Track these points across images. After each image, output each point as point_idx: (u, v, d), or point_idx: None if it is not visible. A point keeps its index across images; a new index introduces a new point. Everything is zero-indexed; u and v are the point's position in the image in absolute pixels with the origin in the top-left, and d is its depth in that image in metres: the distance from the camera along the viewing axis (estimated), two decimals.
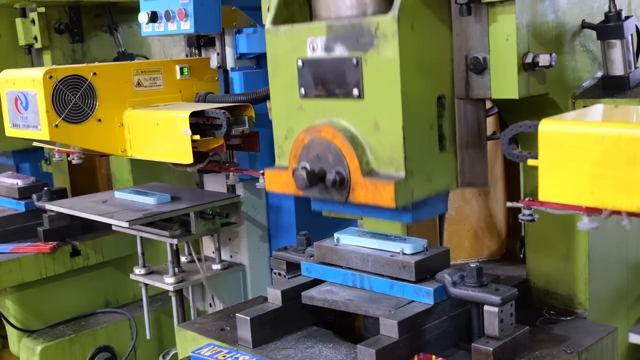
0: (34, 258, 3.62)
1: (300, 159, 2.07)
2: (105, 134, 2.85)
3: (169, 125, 2.69)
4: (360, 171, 1.95)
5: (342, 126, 2.01)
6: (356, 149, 1.97)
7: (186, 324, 2.66)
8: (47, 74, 2.70)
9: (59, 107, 2.72)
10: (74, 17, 3.65)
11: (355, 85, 1.96)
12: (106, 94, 2.84)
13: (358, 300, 2.22)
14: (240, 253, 3.31)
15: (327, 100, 2.04)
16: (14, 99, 2.82)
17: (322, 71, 2.03)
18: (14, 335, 3.69)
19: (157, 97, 2.98)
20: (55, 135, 2.74)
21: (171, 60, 3.05)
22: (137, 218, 2.87)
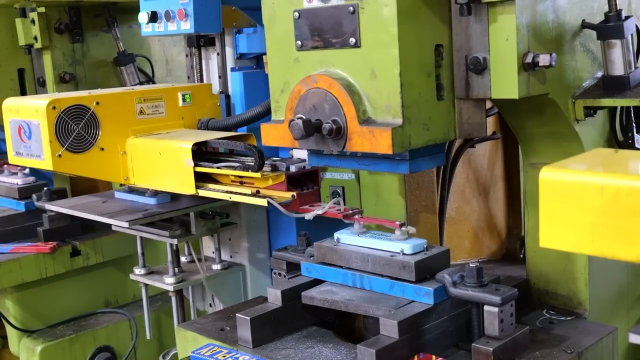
0: (34, 258, 3.62)
1: (296, 111, 2.10)
2: (108, 162, 2.86)
3: (172, 156, 2.70)
4: (357, 120, 1.98)
5: (339, 75, 2.04)
6: (353, 97, 1.99)
7: (186, 324, 2.66)
8: (50, 105, 2.70)
9: (62, 137, 2.73)
10: (74, 17, 3.65)
11: (352, 34, 1.99)
12: (109, 122, 2.85)
13: (358, 300, 2.22)
14: (240, 253, 3.31)
15: (323, 51, 2.07)
16: (17, 128, 2.83)
17: (318, 21, 2.06)
18: (14, 335, 3.68)
19: (160, 125, 2.99)
20: (58, 165, 2.75)
21: (173, 88, 3.05)
22: (137, 218, 2.87)
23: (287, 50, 2.16)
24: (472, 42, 2.02)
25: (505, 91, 2.00)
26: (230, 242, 3.32)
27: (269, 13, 2.20)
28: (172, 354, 3.25)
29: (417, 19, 1.97)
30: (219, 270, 3.23)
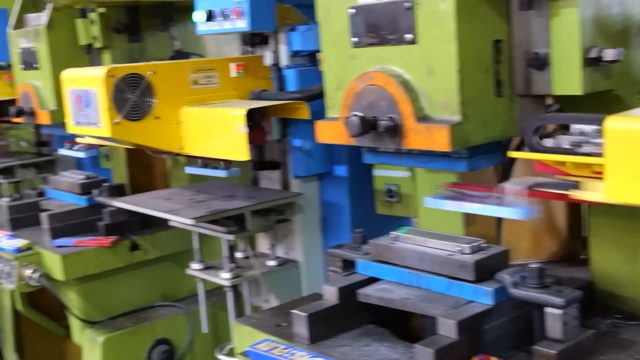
0: (95, 252, 3.71)
1: (352, 108, 2.09)
2: (163, 131, 2.89)
3: (225, 123, 2.71)
4: (414, 117, 1.96)
5: (396, 72, 2.02)
6: (410, 94, 1.97)
7: (243, 319, 2.68)
8: (108, 73, 2.74)
9: (119, 105, 2.76)
10: (132, 17, 3.70)
11: (408, 30, 1.97)
12: (164, 92, 2.87)
13: (415, 299, 2.20)
14: (295, 250, 3.32)
15: (379, 47, 2.05)
16: (76, 97, 2.88)
17: (374, 18, 2.04)
18: (77, 326, 3.78)
19: (213, 95, 3.00)
20: (115, 132, 2.79)
21: (226, 59, 3.07)
22: (202, 215, 2.90)
23: (343, 47, 2.15)
24: (533, 37, 1.98)
25: (568, 87, 1.96)
26: (285, 238, 3.34)
27: (324, 10, 2.19)
28: (228, 348, 3.28)
29: (475, 14, 1.94)
30: (274, 267, 3.24)
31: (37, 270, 3.73)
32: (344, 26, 2.13)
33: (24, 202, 4.43)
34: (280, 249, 3.33)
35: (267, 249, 3.29)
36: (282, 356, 2.30)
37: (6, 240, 3.92)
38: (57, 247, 3.76)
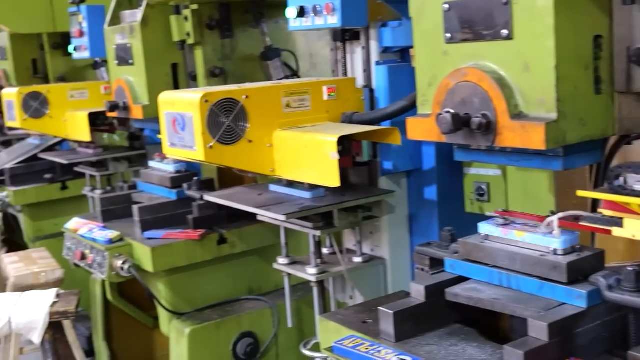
0: (184, 244, 3.78)
1: (444, 105, 2.07)
2: (256, 154, 2.92)
3: (317, 149, 2.73)
4: (508, 114, 1.93)
5: (490, 68, 1.99)
6: (504, 91, 1.94)
7: (329, 314, 2.69)
8: (203, 98, 2.79)
9: (213, 129, 2.81)
10: (224, 14, 3.76)
11: (505, 26, 1.94)
12: (257, 115, 2.90)
13: (505, 300, 2.16)
14: (382, 247, 3.31)
15: (473, 43, 2.03)
16: (172, 120, 2.94)
17: (469, 13, 2.02)
18: (165, 317, 3.87)
19: (305, 118, 3.02)
20: (209, 156, 2.83)
21: (318, 82, 3.07)
22: (294, 212, 2.92)
23: (436, 43, 2.14)
24: (636, 32, 1.92)
25: None
26: (371, 235, 3.33)
27: (417, 5, 2.18)
28: (313, 343, 3.30)
29: (574, 9, 1.89)
30: (360, 263, 3.24)
31: (127, 262, 3.82)
32: (438, 22, 2.11)
33: (115, 194, 4.55)
34: (367, 246, 3.33)
35: (353, 245, 3.29)
36: (368, 353, 2.30)
37: (98, 231, 4.03)
38: (147, 239, 3.85)
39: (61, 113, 5.08)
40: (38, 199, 5.90)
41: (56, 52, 5.79)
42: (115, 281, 4.03)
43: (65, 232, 4.34)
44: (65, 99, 5.13)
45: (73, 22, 4.71)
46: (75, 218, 4.39)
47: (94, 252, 3.97)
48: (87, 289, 4.63)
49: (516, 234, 2.25)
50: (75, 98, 5.15)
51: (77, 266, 4.23)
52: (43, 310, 4.04)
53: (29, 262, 4.87)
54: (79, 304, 4.24)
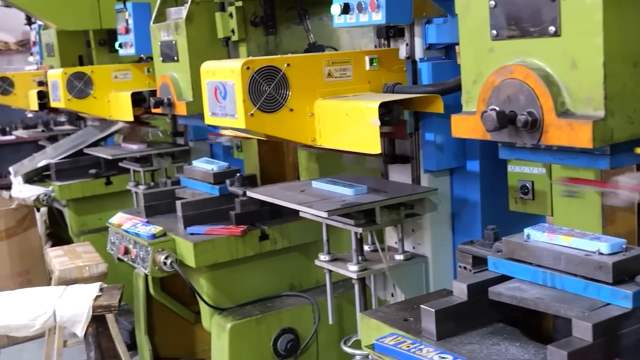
0: (226, 240, 3.80)
1: (489, 102, 2.05)
2: (297, 123, 2.92)
3: (358, 116, 2.72)
4: (554, 111, 1.91)
5: (536, 65, 1.97)
6: (551, 88, 1.92)
7: (370, 312, 2.69)
8: (244, 65, 2.80)
9: (254, 97, 2.82)
10: (269, 10, 3.77)
11: (552, 22, 1.92)
12: (298, 84, 2.90)
13: (549, 300, 2.14)
14: (423, 245, 3.29)
15: (520, 40, 2.01)
16: (213, 89, 2.96)
17: (515, 10, 2.00)
18: (207, 312, 3.89)
19: (347, 88, 3.01)
20: (250, 123, 2.84)
21: (361, 52, 3.07)
22: (336, 209, 2.92)
23: (481, 40, 2.12)
24: None
25: None
26: (413, 233, 3.32)
27: (463, 2, 2.17)
28: (353, 340, 3.30)
29: (623, 6, 1.86)
30: (401, 261, 3.23)
31: (170, 256, 3.86)
32: (484, 18, 2.09)
33: (159, 190, 4.60)
34: (408, 243, 3.32)
35: (395, 242, 3.28)
36: (409, 351, 2.29)
37: (142, 226, 4.07)
38: (189, 235, 3.87)
39: (105, 93, 5.16)
40: (83, 194, 6.01)
41: (102, 48, 5.88)
42: (157, 276, 4.07)
43: (110, 227, 4.40)
44: (109, 79, 5.21)
45: (119, 18, 4.77)
46: (119, 213, 4.44)
47: (137, 247, 4.01)
48: (130, 283, 4.69)
49: (562, 238, 2.23)
50: (119, 79, 5.23)
51: (121, 260, 4.29)
52: (87, 304, 4.09)
53: (74, 256, 4.95)
54: (122, 298, 4.28)
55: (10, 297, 4.29)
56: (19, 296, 4.29)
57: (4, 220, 6.11)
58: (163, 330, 4.77)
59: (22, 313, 4.09)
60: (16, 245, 6.19)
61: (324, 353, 3.93)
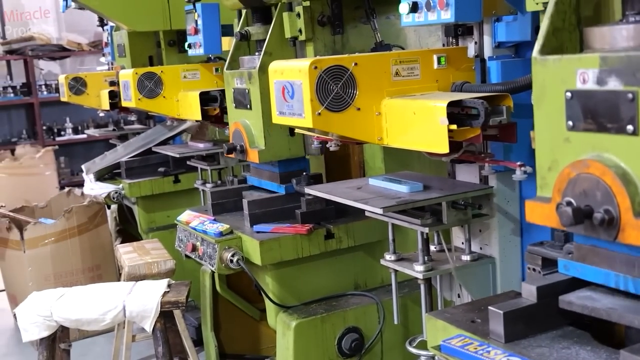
0: (292, 238, 3.83)
1: (564, 194, 2.01)
2: (364, 122, 2.91)
3: (426, 115, 2.70)
4: (632, 211, 1.85)
5: (613, 162, 1.91)
6: (628, 187, 1.86)
7: (436, 312, 2.66)
8: (312, 65, 2.81)
9: (322, 96, 2.83)
10: (336, 10, 3.76)
11: (630, 122, 1.85)
12: (366, 83, 2.90)
13: (621, 310, 2.07)
14: (491, 245, 3.25)
15: (596, 134, 1.95)
16: (281, 88, 2.98)
17: (592, 104, 1.94)
18: (272, 309, 3.93)
19: (414, 87, 2.99)
20: (317, 123, 2.85)
21: (429, 50, 3.05)
22: (391, 205, 2.91)
23: (557, 128, 2.06)
24: None
25: None
26: (480, 233, 3.28)
27: (540, 88, 2.11)
28: (419, 341, 3.28)
29: None
30: (468, 262, 3.19)
31: (236, 254, 3.90)
32: (559, 108, 2.04)
33: (226, 188, 4.66)
34: (475, 244, 3.28)
35: (462, 243, 3.25)
36: (477, 353, 2.27)
37: (209, 224, 4.12)
38: (256, 233, 3.92)
39: (174, 93, 5.25)
40: (152, 192, 6.12)
41: (171, 49, 5.97)
42: (224, 273, 4.13)
43: (178, 224, 4.47)
44: (179, 79, 5.29)
45: (188, 19, 4.84)
46: (187, 211, 4.52)
47: (205, 244, 4.07)
48: (196, 280, 4.76)
49: None
50: (188, 79, 5.31)
51: (188, 257, 4.36)
52: (155, 300, 4.17)
53: (143, 253, 5.05)
54: (189, 295, 4.35)
55: (82, 292, 4.40)
56: (90, 291, 4.40)
57: (76, 216, 6.27)
58: (229, 326, 4.83)
59: (93, 308, 4.19)
60: (87, 241, 6.35)
61: (388, 353, 3.92)
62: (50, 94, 11.19)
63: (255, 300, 4.66)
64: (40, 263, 6.14)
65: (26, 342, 4.36)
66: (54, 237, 6.19)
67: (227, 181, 4.98)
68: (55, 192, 8.65)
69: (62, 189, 8.59)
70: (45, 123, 11.43)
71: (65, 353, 4.42)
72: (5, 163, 9.66)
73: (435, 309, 3.18)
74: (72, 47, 11.39)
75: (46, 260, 6.16)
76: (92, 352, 5.90)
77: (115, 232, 6.91)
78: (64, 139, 11.51)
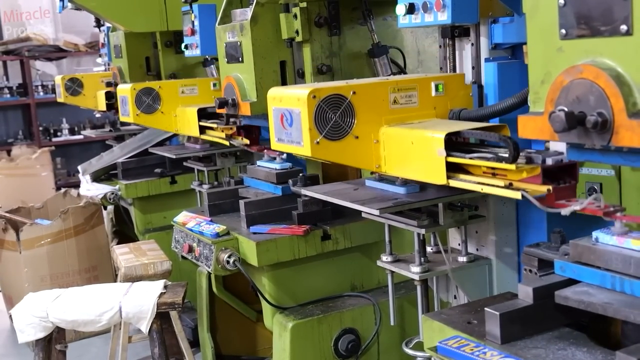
0: (288, 239, 3.82)
1: (557, 102, 2.01)
2: (362, 150, 2.91)
3: (424, 145, 2.69)
4: (625, 112, 1.86)
5: (607, 65, 1.92)
6: (622, 88, 1.87)
7: (433, 314, 2.67)
8: (311, 94, 2.81)
9: (320, 125, 2.82)
10: (333, 11, 3.76)
11: (624, 21, 1.87)
12: (364, 111, 2.89)
13: (618, 304, 2.09)
14: (487, 247, 3.26)
15: (590, 39, 1.96)
16: (280, 115, 2.98)
17: (586, 8, 1.95)
18: (269, 310, 3.92)
19: (412, 114, 2.98)
20: (316, 151, 2.85)
21: (427, 78, 3.04)
22: (388, 207, 2.92)
23: (550, 40, 2.08)
24: None
25: None
26: (477, 235, 3.28)
27: (531, 1, 2.13)
28: (415, 342, 3.28)
29: None
30: (464, 263, 3.20)
31: (233, 255, 3.90)
32: (552, 17, 2.05)
33: (222, 189, 4.65)
34: (472, 245, 3.28)
35: (458, 244, 3.25)
36: (473, 354, 2.28)
37: (206, 225, 4.12)
38: (252, 234, 3.91)
39: (172, 108, 5.24)
40: (148, 193, 6.12)
41: (168, 50, 5.97)
42: (220, 274, 4.12)
43: (174, 225, 4.47)
44: (176, 94, 5.28)
45: (185, 20, 4.84)
46: (184, 212, 4.52)
47: (201, 245, 4.07)
48: (193, 281, 4.75)
49: (632, 242, 2.17)
50: (186, 94, 5.30)
51: (185, 258, 4.36)
52: (151, 301, 4.17)
53: (139, 254, 5.05)
54: (186, 296, 4.35)
55: (78, 293, 4.39)
56: (87, 292, 4.39)
57: (73, 217, 6.26)
58: (225, 328, 4.82)
59: (89, 309, 4.19)
60: (84, 242, 6.34)
61: (385, 354, 3.92)
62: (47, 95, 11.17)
63: (252, 302, 4.66)
64: (37, 264, 6.14)
65: (22, 343, 4.35)
66: (50, 238, 6.18)
67: (224, 182, 4.97)
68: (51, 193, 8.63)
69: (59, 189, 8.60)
70: (41, 124, 11.41)
71: (61, 354, 4.41)
72: (1, 164, 9.64)
73: (431, 310, 3.18)
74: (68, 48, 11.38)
75: (42, 261, 6.15)
76: (88, 353, 5.90)
77: (111, 233, 6.90)
78: (60, 139, 11.49)
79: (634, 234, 2.23)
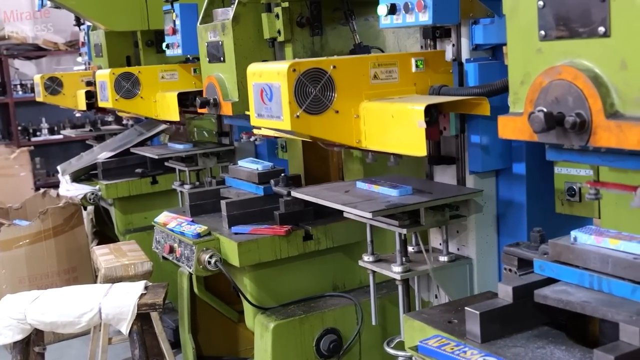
0: (270, 240, 3.82)
1: (537, 103, 2.04)
2: (342, 125, 2.92)
3: (404, 118, 2.71)
4: (603, 113, 1.89)
5: (585, 66, 1.95)
6: (600, 89, 1.90)
7: (414, 313, 2.68)
8: (291, 67, 2.82)
9: (300, 99, 2.83)
10: (315, 11, 3.78)
11: (602, 23, 1.90)
12: (344, 86, 2.91)
13: (596, 303, 2.11)
14: (468, 246, 3.27)
15: (568, 40, 1.99)
16: (259, 90, 2.98)
17: (564, 10, 1.98)
18: (250, 311, 3.92)
19: (392, 90, 3.01)
20: (296, 125, 2.86)
21: (407, 54, 3.07)
22: (380, 210, 2.92)
23: (529, 41, 2.10)
24: None
25: None
26: (458, 234, 3.30)
27: (511, 2, 2.15)
28: (397, 341, 3.30)
29: None
30: (445, 263, 3.21)
31: (214, 256, 3.89)
32: (532, 19, 2.08)
33: (204, 189, 4.64)
34: (453, 245, 3.30)
35: (439, 244, 3.27)
36: (454, 353, 2.29)
37: (187, 225, 4.10)
38: (234, 234, 3.90)
39: (152, 94, 5.22)
40: (129, 193, 6.09)
41: (149, 49, 5.95)
42: (202, 275, 4.11)
43: (155, 226, 4.45)
44: (156, 80, 5.27)
45: (166, 19, 4.83)
46: (165, 212, 4.50)
47: (182, 246, 4.06)
48: (174, 282, 4.74)
49: (610, 241, 2.20)
50: (166, 79, 5.29)
51: (166, 259, 4.34)
52: (132, 302, 4.15)
53: (119, 255, 5.02)
54: (166, 297, 4.33)
55: (57, 294, 4.36)
56: (66, 293, 4.36)
57: (52, 218, 6.22)
58: (206, 328, 4.81)
59: (68, 310, 4.16)
60: (63, 243, 6.30)
61: (367, 354, 3.92)
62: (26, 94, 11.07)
63: (233, 302, 4.65)
64: (15, 265, 6.09)
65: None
66: (28, 239, 6.13)
67: (205, 182, 4.97)
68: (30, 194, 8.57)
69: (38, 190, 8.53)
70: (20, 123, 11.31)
71: (39, 356, 4.38)
72: None
73: (413, 309, 3.20)
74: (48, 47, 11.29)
75: (21, 263, 6.10)
76: (67, 355, 5.86)
77: (91, 233, 6.86)
78: (39, 139, 11.39)
79: (611, 232, 2.25)
